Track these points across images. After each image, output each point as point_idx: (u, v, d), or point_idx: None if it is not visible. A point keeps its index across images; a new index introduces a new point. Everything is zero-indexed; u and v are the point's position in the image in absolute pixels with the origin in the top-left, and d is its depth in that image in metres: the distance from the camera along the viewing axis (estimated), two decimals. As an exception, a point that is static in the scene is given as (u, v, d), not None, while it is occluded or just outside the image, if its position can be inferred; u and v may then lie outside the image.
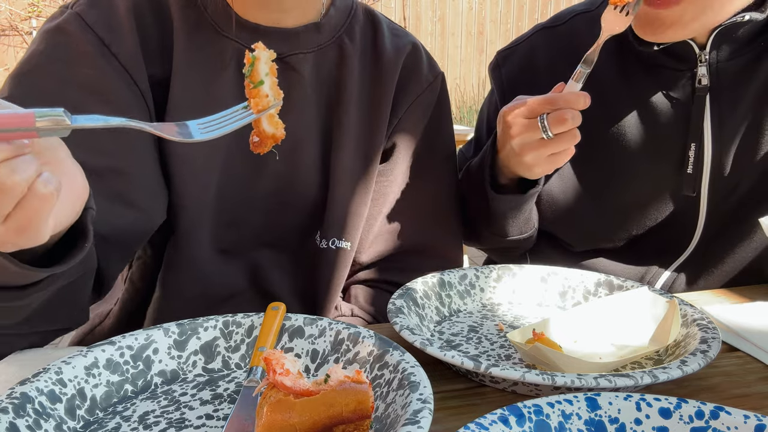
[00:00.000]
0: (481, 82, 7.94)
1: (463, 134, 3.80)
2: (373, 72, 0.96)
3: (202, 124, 0.57)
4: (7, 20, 6.31)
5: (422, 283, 0.84)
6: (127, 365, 0.64)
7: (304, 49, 0.90)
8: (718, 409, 0.51)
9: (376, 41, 0.97)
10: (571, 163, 1.03)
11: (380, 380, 0.60)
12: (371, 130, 0.95)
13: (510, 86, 1.09)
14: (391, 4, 7.33)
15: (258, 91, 0.60)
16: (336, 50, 0.93)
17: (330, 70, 0.92)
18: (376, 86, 0.95)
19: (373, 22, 0.99)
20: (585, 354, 0.71)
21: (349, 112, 0.92)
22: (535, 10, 7.96)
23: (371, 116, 0.95)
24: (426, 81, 1.00)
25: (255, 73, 0.61)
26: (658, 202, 1.00)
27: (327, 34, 0.92)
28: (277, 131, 0.64)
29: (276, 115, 0.64)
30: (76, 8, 0.83)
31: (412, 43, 1.01)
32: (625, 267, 1.07)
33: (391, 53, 0.97)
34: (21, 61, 0.83)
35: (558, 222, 1.08)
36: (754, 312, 0.84)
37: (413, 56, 1.00)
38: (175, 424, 0.58)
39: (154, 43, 0.85)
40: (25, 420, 0.53)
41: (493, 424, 0.48)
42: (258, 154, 0.64)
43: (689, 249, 1.02)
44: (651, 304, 0.76)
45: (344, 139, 0.92)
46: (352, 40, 0.94)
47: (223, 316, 0.71)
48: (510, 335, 0.70)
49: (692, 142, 0.95)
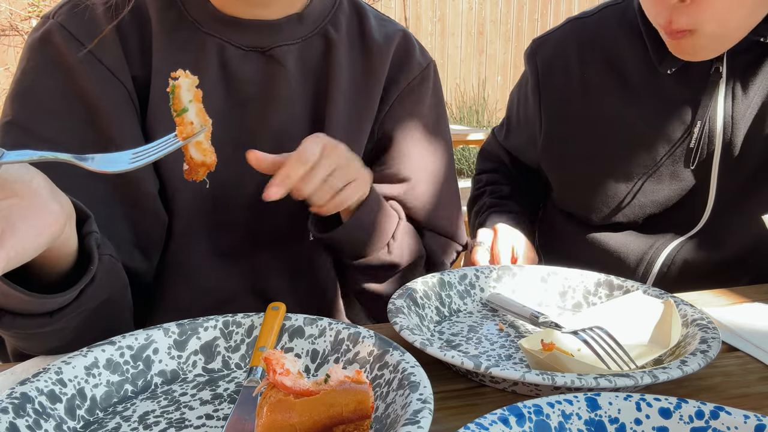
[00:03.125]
0: (481, 82, 7.94)
1: (463, 134, 3.79)
2: (363, 61, 0.95)
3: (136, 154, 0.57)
4: (7, 20, 6.31)
5: (422, 283, 0.84)
6: (127, 365, 0.64)
7: (288, 41, 0.89)
8: (718, 409, 0.51)
9: (364, 30, 0.96)
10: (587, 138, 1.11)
11: (380, 380, 0.60)
12: (360, 119, 0.94)
13: (544, 71, 1.16)
14: (391, 4, 7.33)
15: (182, 119, 0.60)
16: (321, 41, 0.92)
17: (316, 61, 0.91)
18: (366, 75, 0.94)
19: (359, 11, 0.98)
20: (594, 361, 0.71)
21: (338, 104, 0.91)
22: (535, 10, 7.95)
23: (361, 106, 0.94)
24: (418, 68, 0.99)
25: (177, 100, 0.60)
26: (670, 178, 1.05)
27: (310, 24, 0.91)
28: (207, 158, 0.64)
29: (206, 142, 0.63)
30: (57, 18, 0.84)
31: (401, 31, 1.00)
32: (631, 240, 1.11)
33: (381, 41, 0.96)
34: (16, 79, 0.83)
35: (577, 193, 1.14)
36: (754, 312, 0.84)
37: (404, 43, 0.99)
38: (175, 424, 0.58)
39: (134, 45, 0.85)
40: (25, 420, 0.53)
41: (493, 424, 0.48)
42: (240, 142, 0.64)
43: (698, 225, 1.06)
44: (647, 307, 0.76)
45: (334, 131, 0.91)
46: (338, 30, 0.93)
47: (223, 316, 0.71)
48: (520, 343, 0.70)
49: (698, 120, 1.01)
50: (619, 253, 1.11)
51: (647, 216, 1.09)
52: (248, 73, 0.87)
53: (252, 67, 0.87)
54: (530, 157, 1.25)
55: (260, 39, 0.87)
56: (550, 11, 7.99)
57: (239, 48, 0.87)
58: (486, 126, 7.24)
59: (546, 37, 1.20)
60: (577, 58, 1.12)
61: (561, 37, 1.17)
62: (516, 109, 1.27)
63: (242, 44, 0.87)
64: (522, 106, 1.23)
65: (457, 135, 3.71)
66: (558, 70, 1.14)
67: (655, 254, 1.08)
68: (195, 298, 0.90)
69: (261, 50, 0.88)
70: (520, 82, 1.26)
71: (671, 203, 1.07)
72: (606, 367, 0.67)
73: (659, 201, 1.07)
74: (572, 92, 1.12)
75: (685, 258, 1.06)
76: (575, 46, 1.14)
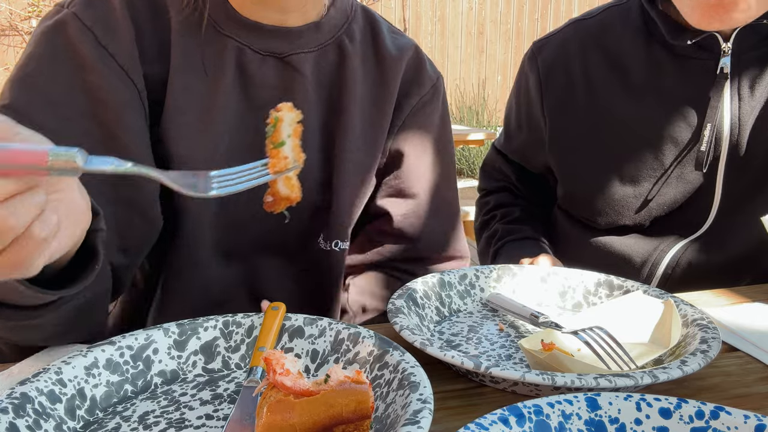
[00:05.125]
0: (481, 82, 7.94)
1: (463, 134, 3.78)
2: (376, 73, 0.95)
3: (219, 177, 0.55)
4: (7, 20, 6.30)
5: (422, 283, 0.84)
6: (127, 365, 0.64)
7: (306, 49, 0.89)
8: (718, 409, 0.51)
9: (377, 42, 0.97)
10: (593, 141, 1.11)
11: (380, 380, 0.60)
12: (374, 131, 0.95)
13: (546, 72, 1.16)
14: (391, 4, 7.33)
15: (278, 152, 0.58)
16: (336, 51, 0.92)
17: (330, 71, 0.92)
18: (379, 87, 0.95)
19: (372, 23, 0.99)
20: (594, 360, 0.71)
21: (352, 114, 0.92)
22: (535, 10, 7.95)
23: (375, 117, 0.95)
24: (429, 82, 1.00)
25: (277, 133, 0.58)
26: (677, 180, 1.05)
27: (327, 33, 0.92)
28: (292, 193, 0.62)
29: (294, 177, 0.61)
30: (72, 8, 0.82)
31: (413, 44, 1.01)
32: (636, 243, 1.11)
33: (394, 54, 0.97)
34: (20, 64, 0.81)
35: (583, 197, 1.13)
36: (754, 312, 0.84)
37: (416, 57, 1.00)
38: (175, 424, 0.58)
39: (150, 42, 0.84)
40: (25, 420, 0.53)
41: (493, 424, 0.48)
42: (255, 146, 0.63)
43: (704, 227, 1.07)
44: (647, 307, 0.76)
45: (347, 141, 0.92)
46: (352, 41, 0.94)
47: (223, 316, 0.71)
48: (521, 343, 0.70)
49: (708, 122, 1.01)
50: (623, 256, 1.11)
51: (653, 218, 1.09)
52: (265, 78, 0.87)
53: (269, 72, 0.87)
54: (536, 161, 1.24)
55: (278, 45, 0.87)
56: (550, 11, 7.99)
57: (257, 53, 0.86)
58: (486, 126, 7.24)
59: (546, 40, 1.20)
60: (580, 60, 1.12)
61: (562, 38, 1.17)
62: (516, 114, 1.25)
63: (260, 49, 0.87)
64: (524, 110, 1.22)
65: (457, 135, 3.71)
66: (560, 71, 1.14)
67: (660, 256, 1.08)
68: (199, 295, 0.90)
69: (278, 56, 0.88)
70: (517, 88, 1.25)
71: (677, 205, 1.07)
72: (606, 367, 0.67)
73: (665, 203, 1.07)
74: (576, 93, 1.12)
75: (689, 260, 1.06)
76: (578, 48, 1.13)
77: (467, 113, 7.45)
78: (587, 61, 1.11)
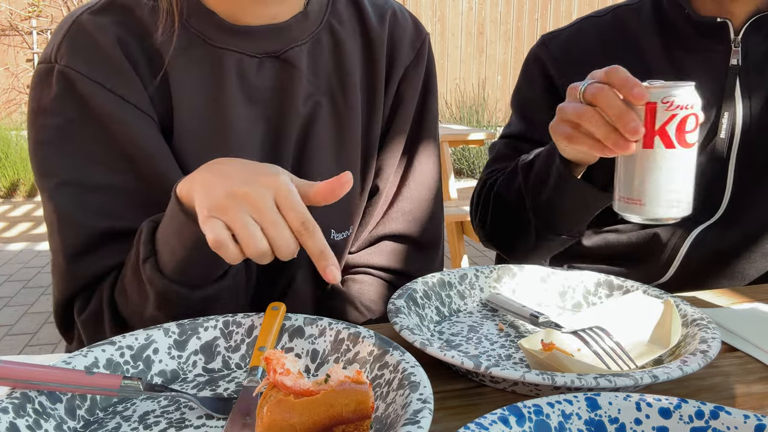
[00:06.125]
0: (481, 82, 7.95)
1: (463, 134, 3.78)
2: (364, 51, 0.94)
3: None
4: (7, 20, 6.31)
5: (422, 283, 0.84)
6: (127, 365, 0.64)
7: (298, 41, 0.89)
8: (718, 409, 0.51)
9: (363, 18, 0.95)
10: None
11: (380, 380, 0.60)
12: (373, 113, 0.94)
13: (562, 56, 1.13)
14: (391, 4, 7.34)
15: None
16: (328, 36, 0.91)
17: (326, 58, 0.91)
18: (369, 65, 0.94)
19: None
20: (594, 360, 0.71)
21: (354, 97, 0.91)
22: (535, 10, 7.95)
23: (370, 97, 0.94)
24: (413, 48, 0.98)
25: None
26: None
27: (315, 19, 0.91)
28: None
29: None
30: (62, 62, 0.80)
31: (392, 8, 0.99)
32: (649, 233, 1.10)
33: (377, 26, 0.95)
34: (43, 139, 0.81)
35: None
36: (754, 312, 0.84)
37: (395, 21, 0.97)
38: (175, 424, 0.58)
39: (146, 71, 0.83)
40: (25, 420, 0.53)
41: (493, 424, 0.48)
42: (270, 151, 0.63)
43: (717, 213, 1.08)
44: (647, 307, 0.76)
45: (351, 128, 0.91)
46: (341, 23, 0.93)
47: (223, 316, 0.71)
48: (520, 343, 0.70)
49: (725, 111, 1.05)
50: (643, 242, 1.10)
51: None
52: (265, 80, 0.87)
53: (268, 73, 0.87)
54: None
55: (272, 43, 0.87)
56: (550, 11, 7.99)
57: (254, 56, 0.86)
58: (486, 126, 7.24)
59: (557, 33, 1.19)
60: (600, 50, 1.11)
61: (576, 31, 1.16)
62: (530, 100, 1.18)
63: (256, 52, 0.86)
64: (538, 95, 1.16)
65: (457, 135, 3.71)
66: (576, 56, 1.12)
67: (678, 243, 1.09)
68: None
69: (274, 55, 0.87)
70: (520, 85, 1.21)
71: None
72: (606, 367, 0.67)
73: None
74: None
75: (709, 243, 1.07)
76: (595, 40, 1.13)
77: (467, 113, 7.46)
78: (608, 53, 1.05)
